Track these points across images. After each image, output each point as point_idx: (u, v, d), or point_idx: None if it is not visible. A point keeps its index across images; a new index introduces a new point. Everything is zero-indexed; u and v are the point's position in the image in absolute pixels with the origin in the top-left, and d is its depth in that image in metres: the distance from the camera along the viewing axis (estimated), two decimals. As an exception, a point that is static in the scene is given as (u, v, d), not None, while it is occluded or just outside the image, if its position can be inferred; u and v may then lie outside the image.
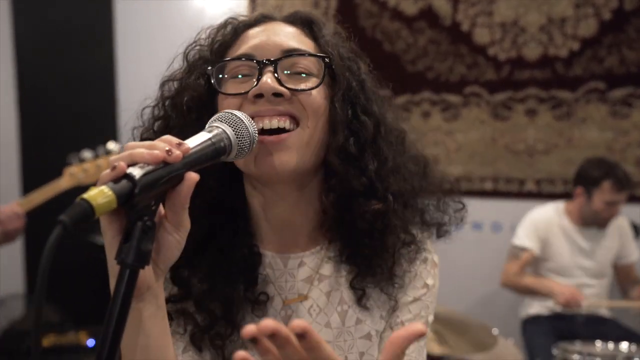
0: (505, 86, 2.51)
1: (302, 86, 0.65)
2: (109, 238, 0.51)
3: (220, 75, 0.67)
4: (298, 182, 0.67)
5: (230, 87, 0.66)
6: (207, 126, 0.55)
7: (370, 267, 0.69)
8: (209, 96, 0.67)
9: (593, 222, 2.10)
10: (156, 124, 0.69)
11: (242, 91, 0.64)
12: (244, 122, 0.57)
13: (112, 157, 0.49)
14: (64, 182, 1.65)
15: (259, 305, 0.68)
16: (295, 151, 0.63)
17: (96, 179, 1.50)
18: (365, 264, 0.69)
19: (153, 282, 0.55)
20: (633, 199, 2.32)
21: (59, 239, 0.40)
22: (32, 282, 3.25)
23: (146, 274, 0.53)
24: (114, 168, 0.47)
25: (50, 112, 3.20)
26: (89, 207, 0.42)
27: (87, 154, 1.68)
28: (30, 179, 3.20)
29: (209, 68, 0.67)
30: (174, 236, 0.53)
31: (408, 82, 2.62)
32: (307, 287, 0.71)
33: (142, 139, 0.69)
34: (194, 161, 0.51)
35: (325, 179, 0.68)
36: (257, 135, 0.59)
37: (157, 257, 0.54)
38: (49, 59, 3.19)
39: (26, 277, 3.22)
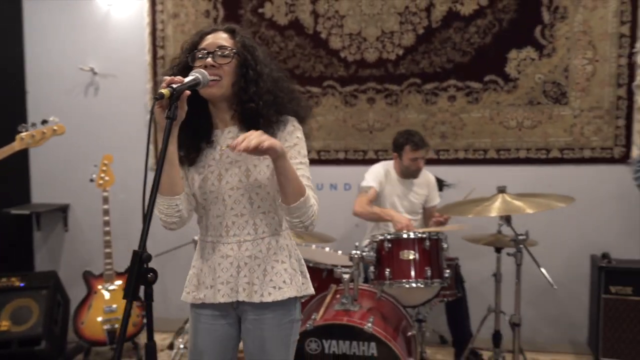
0: (352, 81, 3.50)
1: (223, 62, 1.48)
2: (160, 113, 1.35)
3: (194, 55, 1.51)
4: (222, 99, 1.51)
5: (198, 61, 1.50)
6: (191, 73, 1.41)
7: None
8: (189, 62, 1.51)
9: (408, 174, 3.12)
10: (174, 69, 1.52)
11: (202, 64, 1.46)
12: (205, 73, 1.43)
13: (166, 79, 1.36)
14: (16, 145, 2.23)
15: (209, 144, 1.55)
16: (219, 89, 1.48)
17: (41, 143, 2.38)
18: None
19: (176, 130, 1.40)
20: (439, 162, 3.45)
21: (153, 105, 1.30)
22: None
23: (173, 125, 1.36)
24: (165, 86, 1.32)
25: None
26: (162, 95, 1.29)
27: (33, 124, 2.35)
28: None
29: (192, 52, 1.51)
30: (181, 112, 1.37)
31: (281, 77, 3.54)
32: (231, 141, 1.47)
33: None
34: (188, 86, 1.37)
35: (234, 96, 1.53)
36: (209, 79, 1.45)
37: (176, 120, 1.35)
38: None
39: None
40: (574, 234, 3.33)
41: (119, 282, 3.12)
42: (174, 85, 1.33)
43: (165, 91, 1.30)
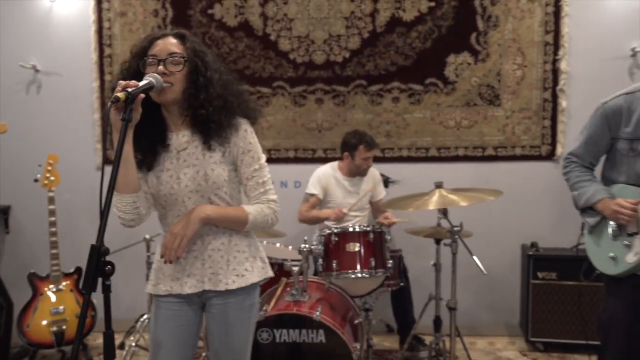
0: (301, 82, 3.63)
1: (174, 69, 1.54)
2: (115, 116, 1.40)
3: (145, 62, 1.55)
4: (174, 104, 1.58)
5: (149, 68, 1.54)
6: (144, 77, 1.45)
7: (210, 135, 1.59)
8: (139, 67, 1.55)
9: (357, 173, 3.28)
10: (123, 72, 1.57)
11: (153, 71, 1.52)
12: (159, 78, 1.49)
13: (122, 83, 1.39)
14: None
15: (165, 148, 1.61)
16: (171, 94, 1.54)
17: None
18: (207, 134, 1.59)
19: (131, 132, 1.45)
20: (384, 159, 3.63)
21: (109, 108, 1.36)
22: None
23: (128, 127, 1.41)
24: (120, 89, 1.38)
25: None
26: (118, 98, 1.35)
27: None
28: None
29: (144, 58, 1.55)
30: (136, 114, 1.42)
31: (231, 77, 3.61)
32: (186, 145, 1.61)
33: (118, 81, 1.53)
34: (142, 90, 1.42)
35: (185, 102, 1.59)
36: (162, 84, 1.51)
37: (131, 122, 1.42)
38: None
39: None
40: (506, 226, 3.59)
41: (65, 283, 3.09)
42: (129, 89, 1.39)
43: (120, 95, 1.37)
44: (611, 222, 1.93)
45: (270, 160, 4.01)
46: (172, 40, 1.58)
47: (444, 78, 3.57)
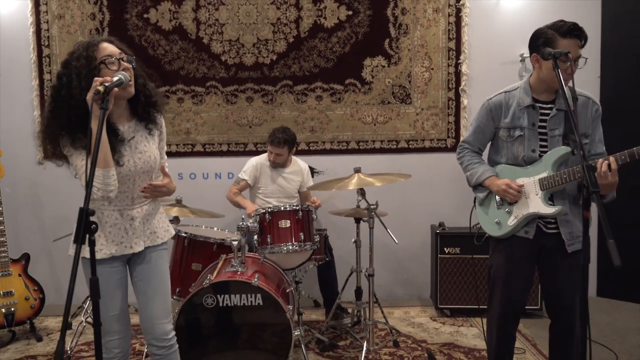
0: (233, 82, 4.13)
1: (129, 66, 1.96)
2: (95, 106, 1.79)
3: (105, 61, 1.95)
4: (128, 98, 2.01)
5: (111, 66, 1.93)
6: (114, 74, 1.87)
7: (151, 122, 2.10)
8: (95, 66, 1.93)
9: (276, 165, 3.80)
10: (80, 75, 1.92)
11: (115, 68, 1.93)
12: (127, 75, 1.91)
13: (99, 80, 1.81)
14: None
15: (121, 140, 2.01)
16: (132, 88, 1.97)
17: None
18: (149, 121, 2.09)
19: (105, 118, 1.82)
20: (309, 152, 4.20)
21: (92, 97, 1.78)
22: None
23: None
24: (99, 84, 1.79)
25: None
26: (99, 91, 1.76)
27: None
28: None
29: (104, 57, 1.94)
30: (110, 105, 1.82)
31: (166, 78, 4.02)
32: (133, 134, 2.05)
33: (73, 83, 1.92)
34: (116, 84, 1.84)
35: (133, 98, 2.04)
36: (130, 79, 1.95)
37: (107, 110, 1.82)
38: None
39: None
40: (418, 209, 4.28)
41: (14, 268, 3.39)
42: (107, 84, 1.82)
43: (100, 88, 1.78)
44: (496, 196, 2.53)
45: (205, 154, 4.61)
46: (109, 44, 1.99)
47: (361, 79, 4.20)
